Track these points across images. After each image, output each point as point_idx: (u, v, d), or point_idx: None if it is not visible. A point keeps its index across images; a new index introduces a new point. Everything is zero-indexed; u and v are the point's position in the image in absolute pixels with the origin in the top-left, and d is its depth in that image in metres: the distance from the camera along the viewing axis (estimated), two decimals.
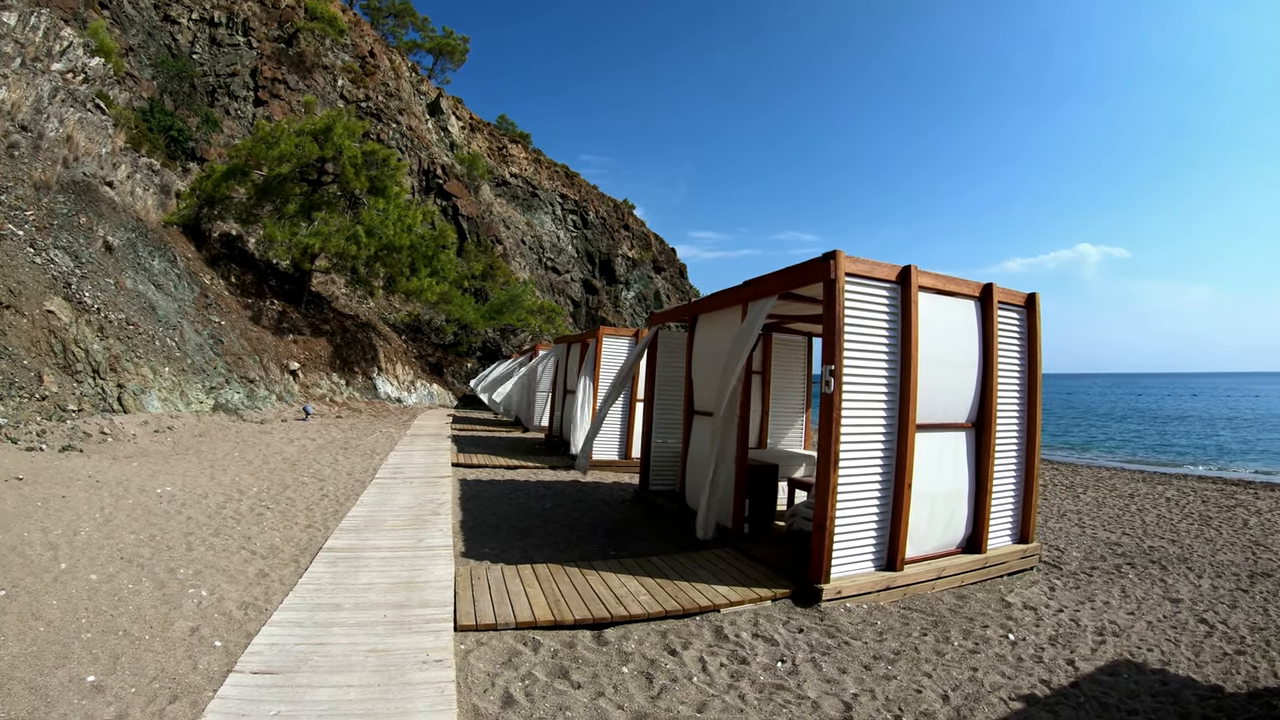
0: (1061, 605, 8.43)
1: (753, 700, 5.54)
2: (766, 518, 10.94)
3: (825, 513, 7.83)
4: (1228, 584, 9.72)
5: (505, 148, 68.10)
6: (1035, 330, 10.08)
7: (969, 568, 9.09)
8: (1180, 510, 16.57)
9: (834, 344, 7.87)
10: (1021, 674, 6.39)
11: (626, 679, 5.75)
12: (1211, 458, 37.26)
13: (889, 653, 6.63)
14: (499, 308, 43.60)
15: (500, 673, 5.73)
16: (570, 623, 6.77)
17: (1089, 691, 6.12)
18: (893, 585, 8.25)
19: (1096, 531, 13.40)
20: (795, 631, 6.99)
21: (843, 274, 7.96)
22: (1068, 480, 21.53)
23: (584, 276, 64.54)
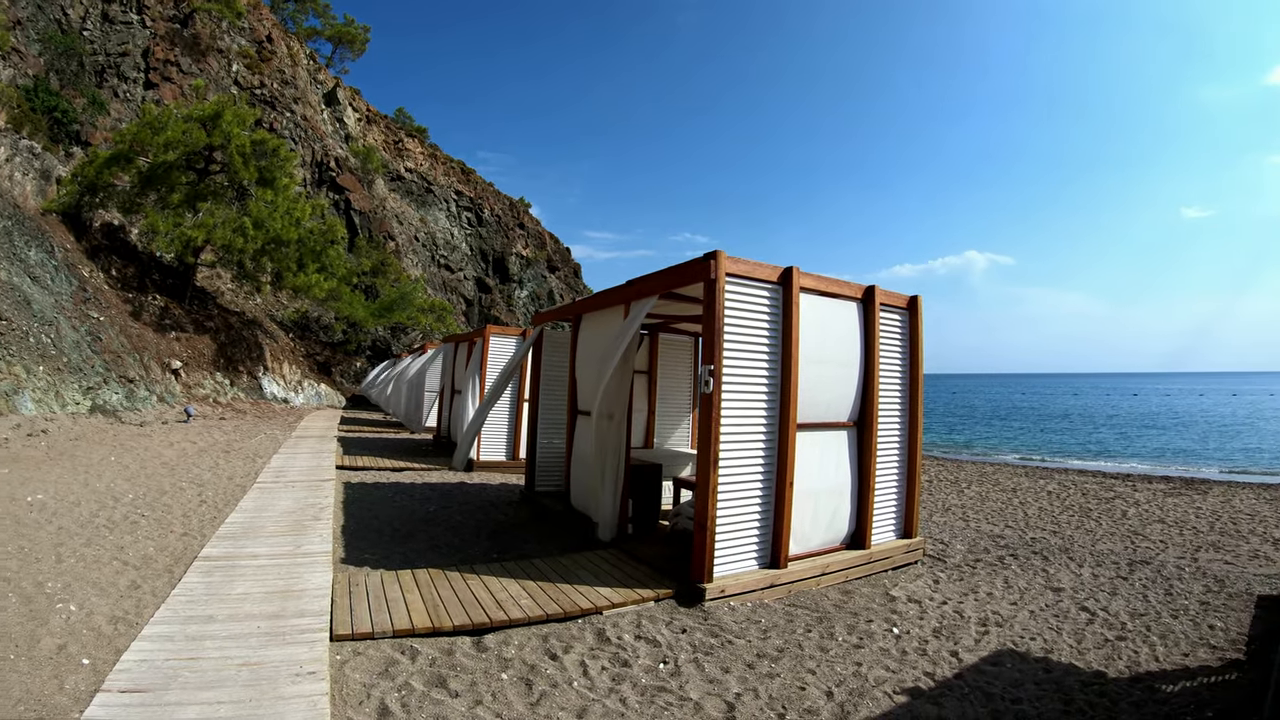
0: (945, 598, 8.56)
1: (634, 703, 5.42)
2: (651, 517, 10.86)
3: (706, 512, 7.77)
4: (1108, 572, 10.03)
5: (401, 142, 66.39)
6: (917, 332, 10.26)
7: (853, 563, 9.16)
8: (1061, 503, 17.18)
9: (714, 344, 7.83)
10: (906, 667, 6.42)
11: (506, 686, 5.58)
12: (1092, 453, 38.48)
13: (773, 651, 6.59)
14: (389, 305, 42.78)
15: (376, 683, 5.51)
16: (449, 629, 6.56)
17: (973, 682, 6.18)
18: (777, 583, 8.23)
19: (980, 525, 13.77)
20: (678, 632, 6.90)
21: (723, 274, 7.91)
22: (952, 476, 22.18)
23: (477, 275, 63.71)
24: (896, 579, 9.25)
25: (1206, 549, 12.28)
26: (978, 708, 5.69)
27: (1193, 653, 7.11)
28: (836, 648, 6.77)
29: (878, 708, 5.60)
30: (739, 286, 8.15)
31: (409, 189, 62.82)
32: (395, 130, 67.37)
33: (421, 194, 63.80)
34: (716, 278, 7.84)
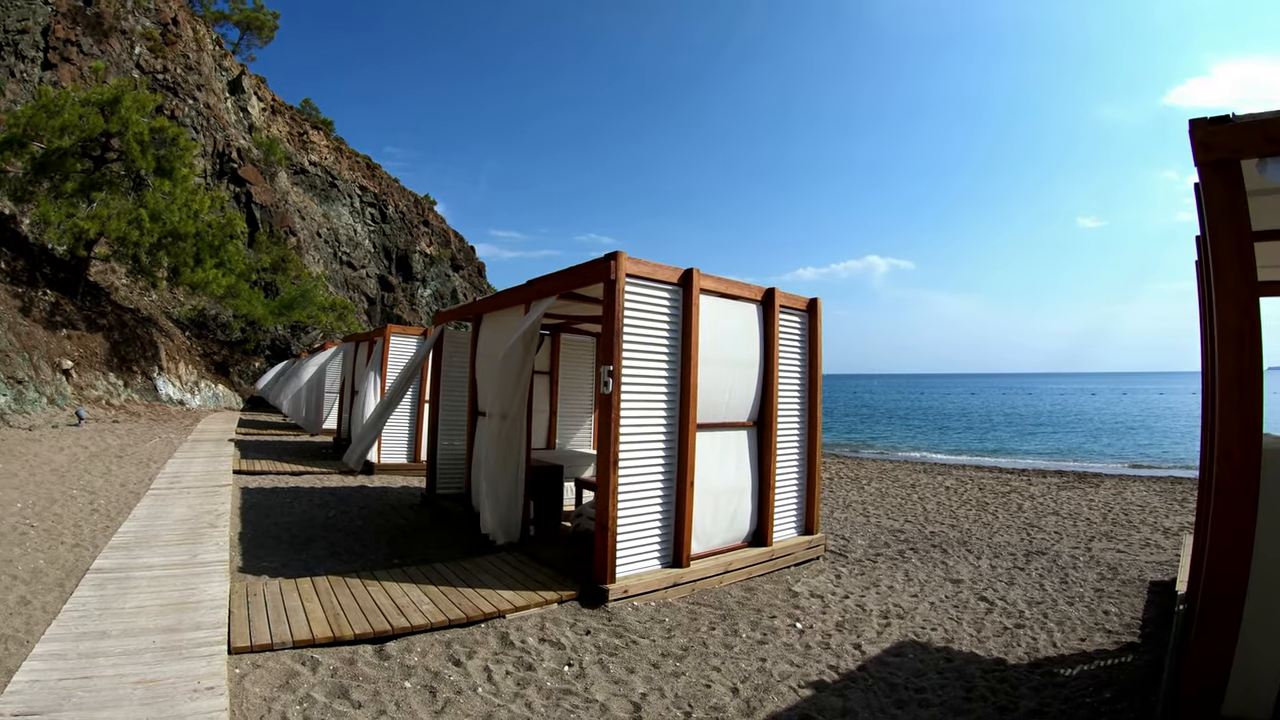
0: (847, 592, 8.69)
1: (540, 707, 5.35)
2: (553, 519, 10.81)
3: (608, 513, 7.76)
4: (1005, 563, 10.34)
5: (306, 134, 64.15)
6: (816, 333, 10.44)
7: (756, 560, 9.25)
8: (959, 498, 17.61)
9: (613, 344, 7.82)
10: (810, 661, 6.48)
11: (409, 694, 5.45)
12: (989, 449, 39.44)
13: (677, 649, 6.59)
14: (289, 303, 41.50)
15: (277, 696, 5.32)
16: (350, 638, 6.39)
17: (876, 673, 6.27)
18: (680, 582, 8.26)
19: (880, 520, 13.97)
20: (582, 634, 6.85)
21: (623, 275, 7.91)
22: (853, 473, 22.51)
23: (380, 273, 62.14)
24: (799, 575, 9.36)
25: (1100, 539, 12.67)
26: (882, 698, 5.78)
27: (1089, 637, 7.36)
28: (741, 644, 6.80)
29: (783, 702, 5.64)
30: (639, 287, 8.15)
31: (312, 183, 60.90)
32: (300, 122, 65.00)
33: (325, 188, 61.91)
34: (616, 278, 7.82)
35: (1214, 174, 4.15)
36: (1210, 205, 4.17)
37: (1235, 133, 4.05)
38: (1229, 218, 4.03)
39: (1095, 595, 8.80)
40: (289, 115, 64.37)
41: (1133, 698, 5.79)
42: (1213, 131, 4.10)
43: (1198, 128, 4.15)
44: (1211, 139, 4.10)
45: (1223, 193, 4.11)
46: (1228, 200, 4.09)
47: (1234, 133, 4.06)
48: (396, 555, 9.66)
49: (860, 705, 5.61)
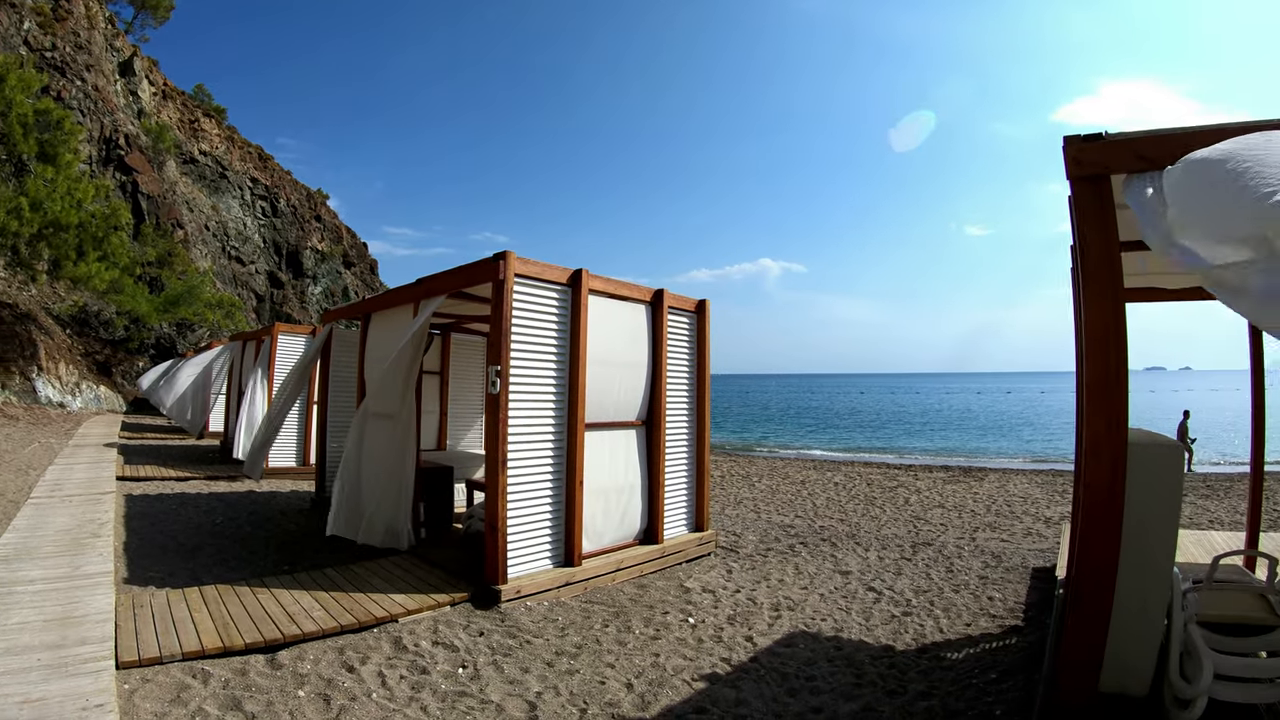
0: (739, 586, 8.86)
1: (435, 710, 5.33)
2: (444, 521, 10.76)
3: (497, 513, 7.76)
4: (893, 555, 10.66)
5: (198, 121, 60.67)
6: (704, 334, 10.62)
7: (648, 558, 9.36)
8: (848, 493, 18.06)
9: (501, 344, 7.82)
10: (703, 655, 6.60)
11: (303, 703, 5.35)
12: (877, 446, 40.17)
13: (571, 648, 6.64)
14: (175, 300, 39.51)
15: (168, 711, 5.14)
16: (241, 648, 6.23)
17: (768, 664, 6.43)
18: (573, 581, 8.31)
19: (771, 516, 14.24)
20: (476, 635, 6.84)
21: (512, 275, 7.92)
22: (744, 471, 22.80)
23: (270, 269, 59.54)
24: (691, 571, 9.50)
25: (984, 529, 13.24)
26: (774, 687, 5.93)
27: (974, 622, 7.68)
28: (634, 640, 6.89)
29: (677, 695, 5.73)
30: (528, 287, 8.17)
31: (202, 173, 57.80)
32: (192, 108, 61.37)
33: (215, 179, 58.84)
34: (505, 278, 7.83)
35: (1085, 187, 4.40)
36: (1081, 216, 4.40)
37: (1106, 150, 4.29)
38: (1098, 228, 4.26)
39: (980, 582, 9.17)
40: (180, 101, 60.93)
41: (1016, 677, 6.08)
42: (1084, 148, 4.36)
43: (1071, 144, 4.41)
44: (1083, 155, 4.35)
45: (1093, 205, 4.35)
46: (1098, 212, 4.32)
47: (1105, 150, 4.30)
48: (286, 561, 9.45)
49: (753, 695, 5.76)
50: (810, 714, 5.48)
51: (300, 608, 7.18)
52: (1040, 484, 19.90)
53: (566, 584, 8.22)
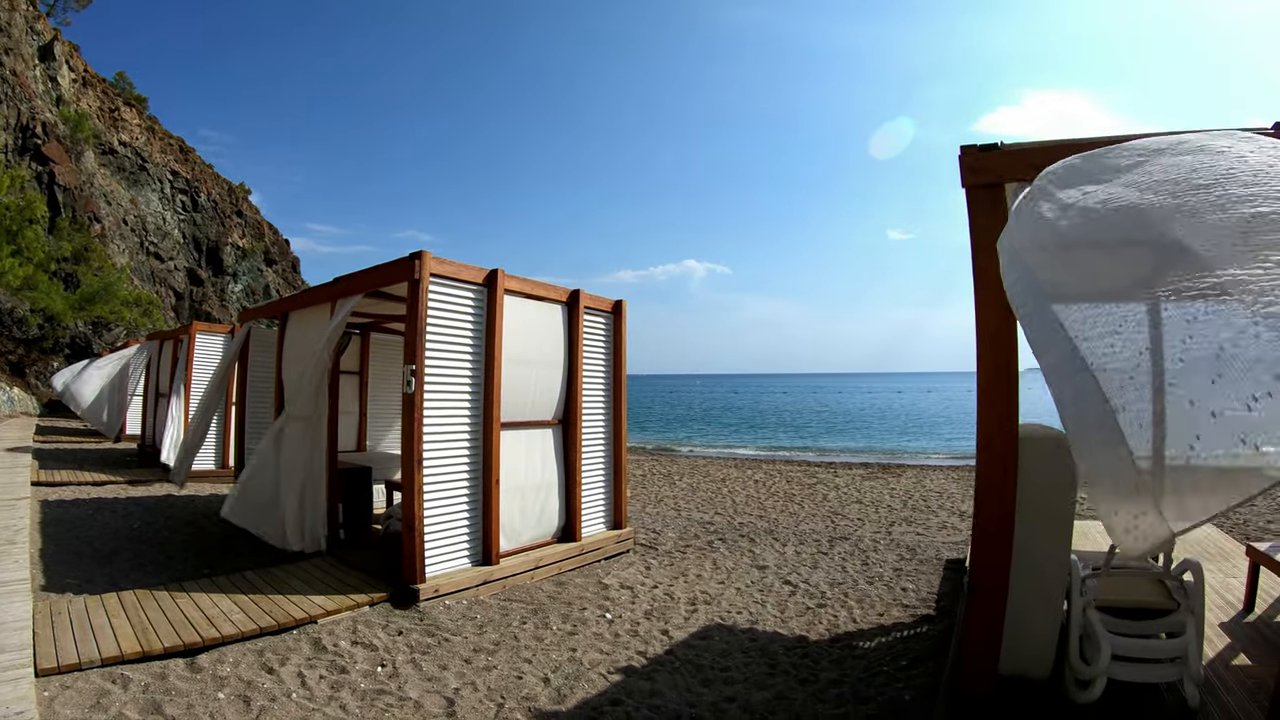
0: (656, 582, 9.01)
1: (354, 709, 5.36)
2: (363, 522, 10.74)
3: (414, 512, 7.80)
4: (810, 549, 10.91)
5: (118, 110, 58.37)
6: (620, 334, 10.78)
7: (566, 555, 9.46)
8: (767, 490, 18.33)
9: (416, 343, 7.87)
10: (619, 648, 6.73)
11: (223, 705, 5.33)
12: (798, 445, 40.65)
13: (489, 644, 6.70)
14: (90, 297, 38.39)
15: (89, 717, 5.08)
16: (161, 652, 6.17)
17: (683, 656, 6.58)
18: (491, 579, 8.37)
19: (691, 514, 14.38)
20: (395, 634, 6.87)
21: (427, 274, 7.96)
22: (666, 469, 22.95)
23: (189, 265, 57.36)
24: (609, 568, 9.63)
25: (900, 524, 13.51)
26: (689, 678, 6.08)
27: (887, 612, 7.94)
28: (551, 636, 6.99)
29: (593, 688, 5.85)
30: (443, 287, 8.23)
31: (121, 165, 55.71)
32: (113, 97, 59.07)
33: (135, 171, 56.80)
34: (420, 277, 7.87)
35: (979, 195, 4.59)
36: (975, 223, 4.58)
37: (1001, 159, 4.49)
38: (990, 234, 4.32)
39: (894, 574, 9.46)
40: (101, 89, 58.41)
41: (926, 663, 6.34)
42: (980, 158, 4.55)
43: (967, 154, 4.60)
44: (978, 164, 4.55)
45: (987, 212, 4.54)
46: (990, 219, 4.47)
47: (999, 159, 4.49)
48: (206, 565, 9.32)
49: (668, 686, 5.90)
50: (724, 703, 5.61)
51: (219, 611, 7.14)
52: (956, 479, 20.24)
53: (485, 582, 8.28)
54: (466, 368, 8.48)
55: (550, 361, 9.65)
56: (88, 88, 56.67)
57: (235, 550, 10.03)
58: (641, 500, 16.01)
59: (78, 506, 13.11)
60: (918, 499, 16.49)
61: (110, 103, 58.26)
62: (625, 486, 10.80)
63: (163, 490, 15.26)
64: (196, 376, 17.14)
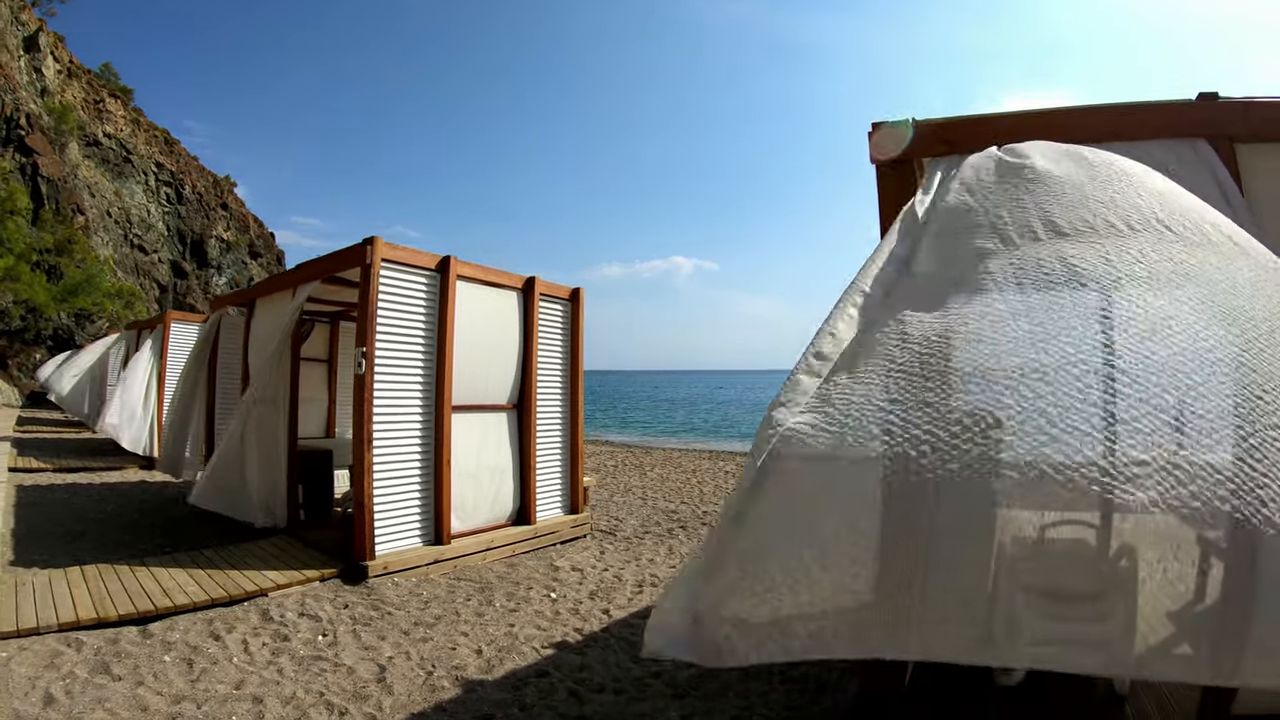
0: (608, 565, 9.13)
1: (290, 672, 5.54)
2: (324, 504, 10.90)
3: (364, 491, 7.97)
4: None
5: (103, 102, 58.55)
6: (578, 322, 10.95)
7: (520, 538, 9.63)
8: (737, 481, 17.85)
9: (367, 327, 8.05)
10: (557, 625, 6.87)
11: (168, 667, 5.52)
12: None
13: (430, 619, 6.86)
14: (73, 289, 38.77)
15: (41, 675, 5.31)
16: (115, 619, 6.39)
17: (619, 634, 6.72)
18: (442, 559, 8.53)
19: (657, 502, 14.47)
20: (341, 608, 7.03)
21: (379, 259, 8.14)
22: (639, 461, 22.98)
23: (174, 258, 58.07)
24: (564, 552, 9.78)
25: None
26: (620, 654, 6.22)
27: None
28: (493, 613, 7.14)
29: (523, 660, 6.00)
30: (396, 272, 8.40)
31: (106, 157, 55.79)
32: (98, 88, 59.26)
33: (119, 164, 56.88)
34: (372, 262, 8.06)
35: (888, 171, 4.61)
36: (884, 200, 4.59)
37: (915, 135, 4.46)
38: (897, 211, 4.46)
39: None
40: (86, 80, 58.47)
41: None
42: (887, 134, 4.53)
43: (876, 130, 4.57)
44: (886, 140, 4.54)
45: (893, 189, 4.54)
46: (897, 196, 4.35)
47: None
48: (170, 544, 9.48)
49: (597, 661, 6.05)
50: (650, 679, 5.73)
51: (175, 583, 7.32)
52: None
53: (435, 561, 8.45)
54: (418, 351, 8.66)
55: (504, 347, 9.83)
56: (73, 79, 56.58)
57: (201, 530, 10.15)
58: (610, 490, 16.09)
59: (52, 491, 13.26)
60: None
61: (95, 94, 58.12)
62: (582, 472, 10.98)
63: (137, 476, 15.54)
64: (171, 364, 17.17)
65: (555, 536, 10.14)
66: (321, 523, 10.24)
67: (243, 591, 7.18)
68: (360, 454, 8.00)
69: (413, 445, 8.59)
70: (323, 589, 7.59)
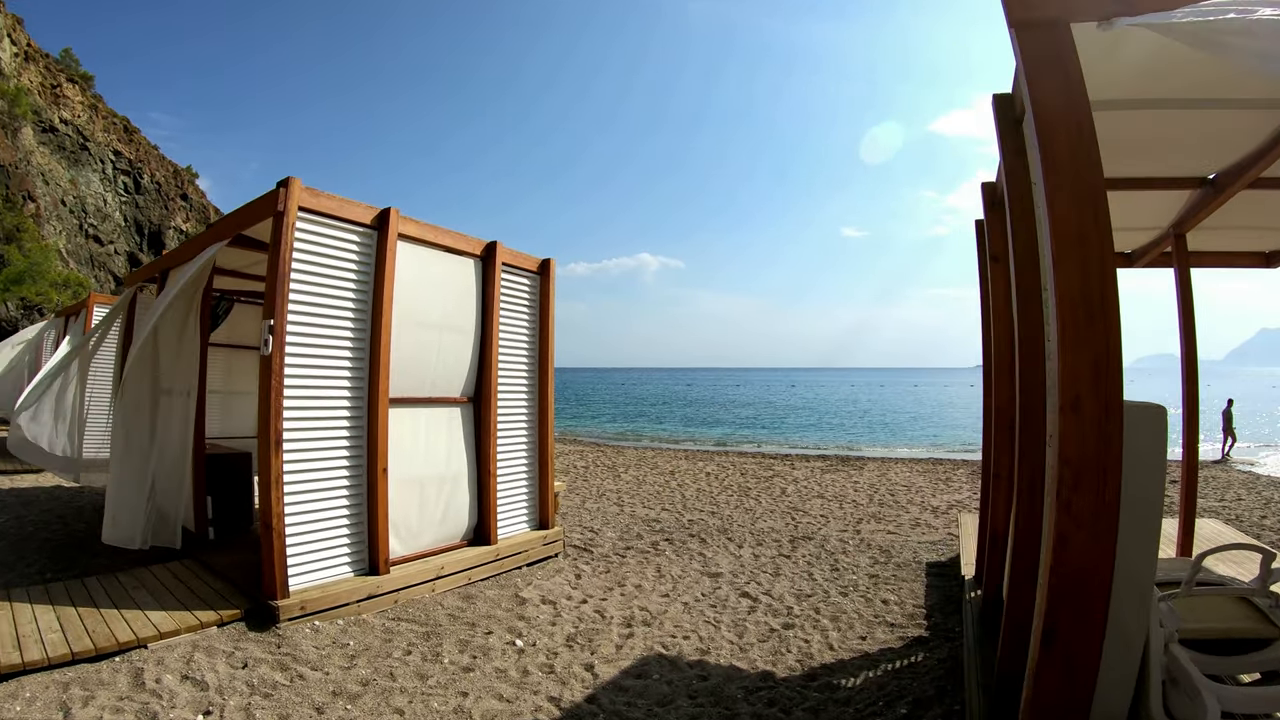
0: (587, 594, 7.52)
1: None
2: (241, 519, 8.98)
3: (271, 509, 6.11)
4: (770, 551, 9.58)
5: (61, 87, 55.71)
6: (548, 298, 9.15)
7: (478, 562, 7.86)
8: (720, 483, 16.97)
9: (276, 292, 6.17)
10: (525, 693, 5.14)
11: None
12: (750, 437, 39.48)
13: (355, 684, 5.13)
14: (16, 278, 36.76)
15: None
16: None
17: (610, 705, 5.02)
18: (378, 593, 6.72)
19: (635, 509, 13.02)
20: (238, 667, 5.29)
21: (295, 207, 6.28)
22: (611, 461, 21.57)
23: (130, 249, 55.85)
24: (532, 576, 8.12)
25: (868, 520, 12.22)
26: None
27: (870, 634, 6.49)
28: (441, 673, 5.41)
29: None
30: (317, 225, 6.53)
31: (61, 144, 53.09)
32: (55, 73, 56.47)
33: (75, 151, 54.23)
34: (286, 210, 6.18)
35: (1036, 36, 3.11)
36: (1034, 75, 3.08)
37: None
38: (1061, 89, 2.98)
39: (870, 582, 8.12)
40: (44, 64, 55.80)
41: (932, 709, 4.86)
42: None
43: None
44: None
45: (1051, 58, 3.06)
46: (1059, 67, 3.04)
47: None
48: (55, 568, 7.82)
49: None
50: None
51: (36, 628, 5.66)
52: (922, 472, 19.21)
53: (370, 597, 6.63)
54: (346, 328, 6.78)
55: (458, 326, 7.98)
56: (30, 62, 54.30)
57: (96, 551, 8.35)
58: (581, 494, 14.58)
59: None
60: (884, 493, 15.26)
61: (53, 79, 56.11)
62: (552, 479, 9.21)
63: (51, 481, 13.83)
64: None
65: (522, 558, 8.40)
66: (237, 543, 8.30)
67: (115, 643, 5.47)
68: (267, 458, 6.12)
69: (338, 447, 6.71)
70: (220, 638, 5.82)
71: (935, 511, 12.95)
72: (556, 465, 18.72)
